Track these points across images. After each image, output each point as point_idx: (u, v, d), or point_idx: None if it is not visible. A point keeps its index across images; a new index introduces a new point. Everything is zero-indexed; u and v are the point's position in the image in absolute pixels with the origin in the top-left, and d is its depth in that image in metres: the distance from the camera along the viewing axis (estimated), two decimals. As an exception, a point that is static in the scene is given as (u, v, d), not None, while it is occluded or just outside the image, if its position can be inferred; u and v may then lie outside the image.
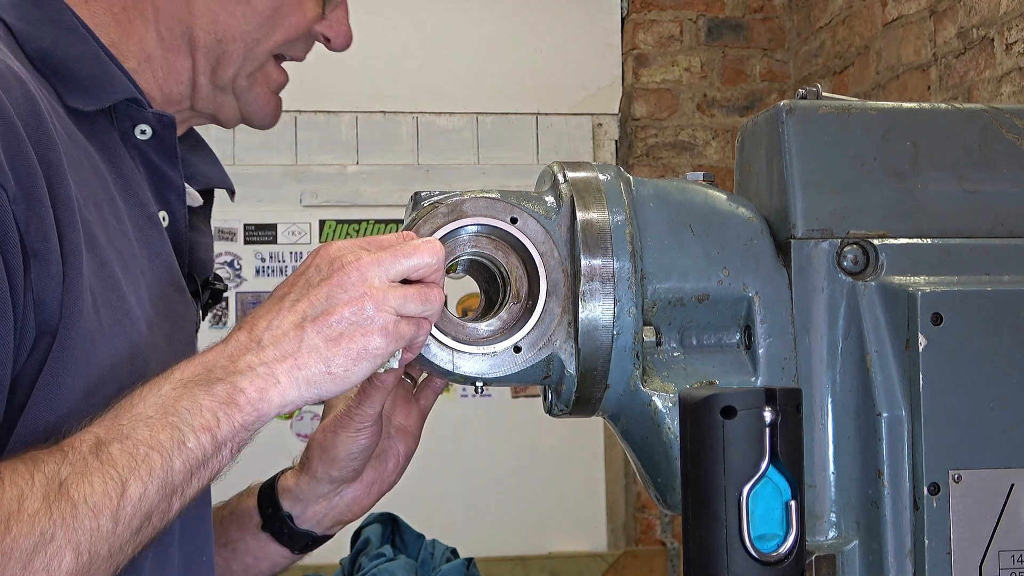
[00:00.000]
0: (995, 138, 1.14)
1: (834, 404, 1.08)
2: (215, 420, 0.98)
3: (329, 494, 1.32)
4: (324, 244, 1.07)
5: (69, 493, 0.92)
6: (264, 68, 1.30)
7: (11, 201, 0.98)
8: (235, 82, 1.28)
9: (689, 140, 4.93)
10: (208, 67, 1.26)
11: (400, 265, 1.04)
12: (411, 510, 3.38)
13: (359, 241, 1.06)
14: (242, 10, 1.24)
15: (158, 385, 1.00)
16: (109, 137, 1.19)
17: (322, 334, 1.01)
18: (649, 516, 4.81)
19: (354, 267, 1.03)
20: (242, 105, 1.31)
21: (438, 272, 1.06)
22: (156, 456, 0.96)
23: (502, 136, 4.96)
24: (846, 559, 1.07)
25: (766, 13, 4.97)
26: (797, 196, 1.10)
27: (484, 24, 4.97)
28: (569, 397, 1.09)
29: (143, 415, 0.98)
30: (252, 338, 1.03)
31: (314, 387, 1.01)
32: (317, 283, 1.04)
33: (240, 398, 0.99)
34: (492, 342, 1.09)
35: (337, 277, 1.03)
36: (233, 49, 1.26)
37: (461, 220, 1.10)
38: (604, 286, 1.07)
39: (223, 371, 1.01)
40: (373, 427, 1.26)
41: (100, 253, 1.08)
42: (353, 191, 4.85)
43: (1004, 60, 3.41)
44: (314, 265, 1.05)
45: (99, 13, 1.22)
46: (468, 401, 4.82)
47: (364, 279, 1.03)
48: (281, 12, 1.26)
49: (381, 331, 1.02)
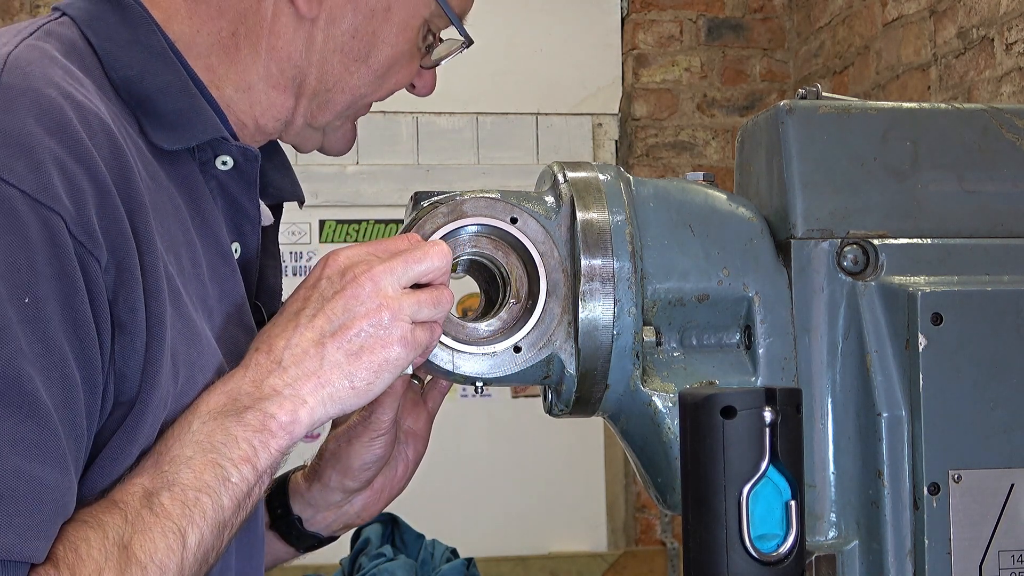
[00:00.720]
0: (995, 138, 1.14)
1: (834, 404, 1.08)
2: (252, 450, 0.99)
3: (340, 502, 1.33)
4: (332, 253, 1.07)
5: (137, 556, 0.93)
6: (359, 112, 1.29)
7: (103, 271, 0.97)
8: (329, 123, 1.27)
9: (689, 140, 4.93)
10: (309, 111, 1.23)
11: (411, 271, 1.04)
12: (411, 510, 3.38)
13: (367, 247, 1.06)
14: (358, 67, 1.22)
15: (188, 422, 1.00)
16: (188, 169, 1.15)
17: (343, 349, 1.02)
18: (649, 516, 4.81)
19: (367, 277, 1.03)
20: (327, 140, 1.30)
21: (446, 274, 1.07)
22: (206, 498, 0.97)
23: (502, 136, 4.96)
24: (846, 559, 1.07)
25: (766, 13, 4.97)
26: (797, 196, 1.10)
27: (484, 24, 4.95)
28: (569, 397, 1.09)
29: (183, 457, 0.98)
30: (272, 359, 1.03)
31: (339, 403, 1.02)
32: (331, 296, 1.04)
33: (272, 424, 1.00)
34: (492, 342, 1.09)
35: (351, 289, 1.03)
36: (339, 100, 1.24)
37: (461, 220, 1.10)
38: (604, 286, 1.07)
39: (249, 398, 1.01)
40: (387, 435, 1.27)
41: (183, 310, 1.07)
42: (353, 191, 4.85)
43: (1004, 60, 3.41)
44: (325, 277, 1.05)
45: (202, 33, 1.17)
46: (468, 401, 4.81)
47: (378, 289, 1.03)
48: (392, 72, 1.25)
49: (400, 341, 1.02)
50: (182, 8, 1.16)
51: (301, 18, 1.18)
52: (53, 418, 0.92)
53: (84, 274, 0.96)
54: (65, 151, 0.97)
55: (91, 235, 0.96)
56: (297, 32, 1.19)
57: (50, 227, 0.94)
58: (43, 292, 0.93)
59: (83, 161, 0.98)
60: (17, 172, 0.94)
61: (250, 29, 1.18)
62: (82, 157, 0.98)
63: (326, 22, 1.19)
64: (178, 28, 1.16)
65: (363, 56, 1.22)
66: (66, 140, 0.98)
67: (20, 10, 4.51)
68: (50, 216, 0.94)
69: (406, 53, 1.25)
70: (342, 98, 1.24)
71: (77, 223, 0.95)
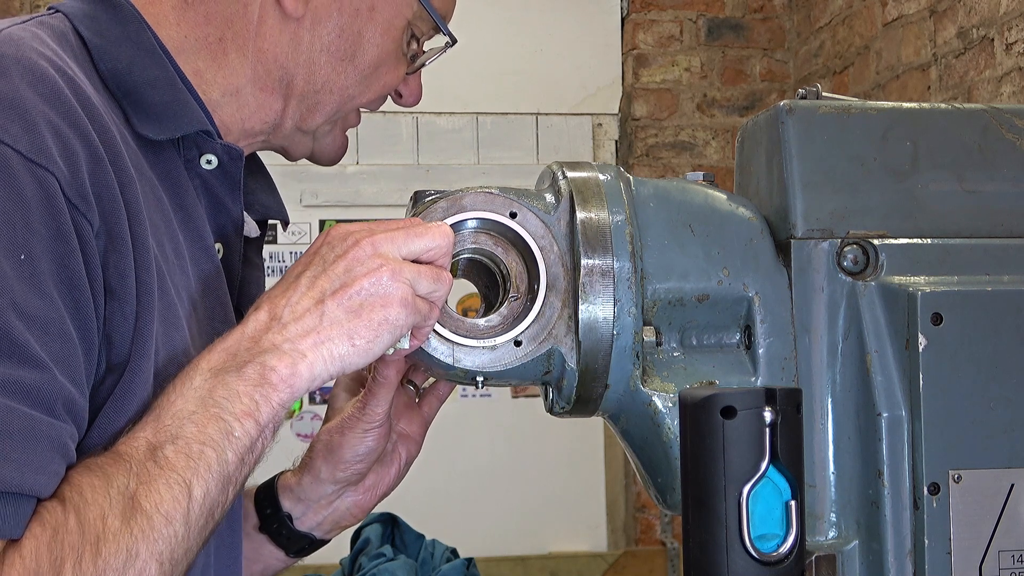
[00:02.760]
0: (995, 138, 1.14)
1: (834, 404, 1.08)
2: (254, 404, 0.99)
3: (331, 496, 1.32)
4: (336, 226, 1.08)
5: (142, 505, 0.94)
6: (347, 118, 1.31)
7: (95, 235, 0.99)
8: (318, 127, 1.28)
9: (689, 140, 4.93)
10: (298, 114, 1.25)
11: (412, 244, 1.05)
12: (411, 510, 3.38)
13: (369, 223, 1.07)
14: (345, 67, 1.24)
15: (189, 378, 1.01)
16: (173, 165, 1.17)
17: (343, 306, 1.02)
18: (649, 516, 4.81)
19: (368, 241, 1.04)
20: (317, 146, 1.31)
21: (447, 256, 1.07)
22: (210, 451, 0.97)
23: (502, 136, 4.96)
24: (846, 559, 1.07)
25: (766, 13, 4.97)
26: (797, 196, 1.10)
27: (484, 24, 4.97)
28: (570, 394, 1.09)
29: (185, 411, 0.98)
30: (272, 317, 1.03)
31: (339, 360, 1.02)
32: (332, 260, 1.04)
33: (272, 376, 1.00)
34: (492, 336, 1.09)
35: (353, 252, 1.04)
36: (328, 101, 1.25)
37: (461, 214, 1.10)
38: (604, 285, 1.07)
39: (248, 353, 1.01)
40: (380, 428, 1.27)
41: (167, 295, 1.08)
42: (353, 191, 4.85)
43: (1004, 60, 3.41)
44: (327, 243, 1.06)
45: (189, 38, 1.19)
46: (468, 401, 4.82)
47: (378, 252, 1.04)
48: (378, 72, 1.27)
49: (401, 302, 1.02)
50: (171, 15, 1.18)
51: (287, 18, 1.20)
52: (49, 367, 0.93)
53: (78, 235, 0.97)
54: (59, 116, 0.99)
55: (84, 198, 0.98)
56: (283, 33, 1.21)
57: (45, 186, 0.95)
58: (38, 250, 0.94)
59: (76, 127, 0.99)
60: (12, 132, 0.95)
61: (237, 33, 1.20)
62: (75, 123, 1.00)
63: (312, 22, 1.21)
64: (167, 33, 1.18)
65: (349, 55, 1.24)
66: (59, 106, 0.99)
67: (20, 10, 4.51)
68: (45, 176, 0.95)
69: (392, 54, 1.27)
70: (330, 99, 1.25)
71: (71, 185, 0.97)
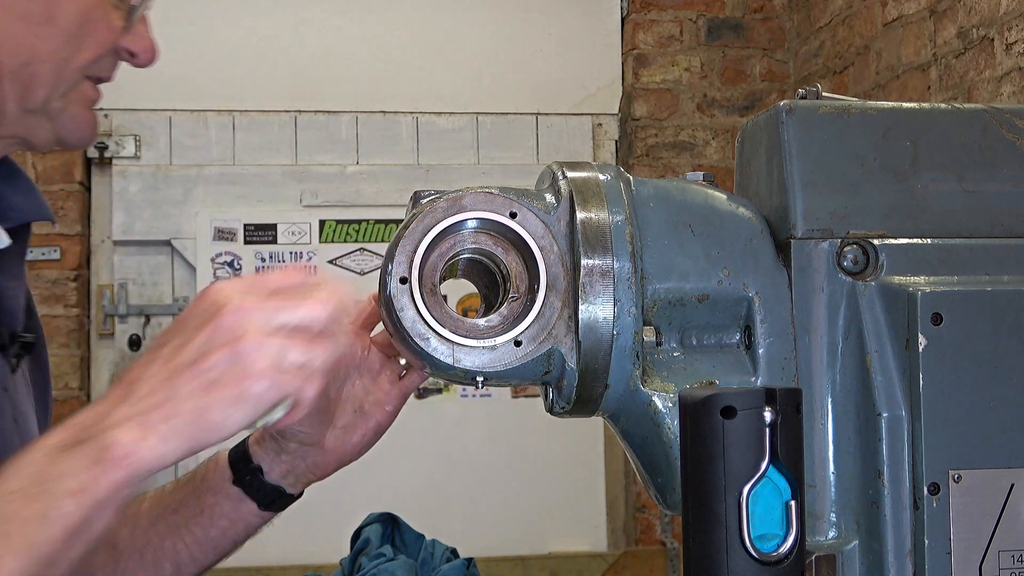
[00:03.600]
0: (995, 138, 1.14)
1: (834, 404, 1.08)
2: (90, 480, 0.94)
3: (293, 452, 1.32)
4: (210, 287, 1.02)
5: None
6: (78, 87, 1.25)
7: None
8: (48, 104, 1.22)
9: (689, 140, 4.93)
10: (16, 92, 1.19)
11: (283, 316, 0.98)
12: (411, 510, 3.38)
13: (248, 283, 1.01)
14: (46, 30, 1.18)
15: (31, 453, 0.97)
16: None
17: (196, 381, 0.96)
18: (649, 516, 4.81)
19: (231, 311, 0.98)
20: (57, 127, 1.25)
21: (331, 323, 1.00)
22: (31, 528, 0.93)
23: (502, 136, 4.96)
24: (846, 559, 1.07)
25: (766, 13, 4.97)
26: (797, 196, 1.10)
27: (484, 24, 4.97)
28: (570, 393, 1.09)
29: (13, 488, 0.95)
30: (126, 391, 0.98)
31: (188, 438, 0.96)
32: (193, 330, 0.99)
33: (115, 452, 0.95)
34: (492, 336, 1.09)
35: (214, 321, 0.98)
36: (42, 71, 1.20)
37: (461, 214, 1.09)
38: (604, 286, 1.06)
39: (96, 429, 0.96)
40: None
41: None
42: (353, 191, 4.85)
43: (1004, 60, 3.41)
44: (194, 312, 1.01)
45: None
46: (468, 401, 4.82)
47: (241, 323, 0.97)
48: (86, 28, 1.21)
49: (259, 376, 0.96)
50: None
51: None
52: None
53: None
54: None
55: None
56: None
57: None
58: None
59: None
60: None
61: None
62: None
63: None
64: None
65: (47, 17, 1.19)
66: None
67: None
68: None
69: (95, 6, 1.21)
70: (44, 68, 1.20)
71: None
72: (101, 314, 4.72)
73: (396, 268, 1.09)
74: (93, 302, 4.74)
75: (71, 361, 4.59)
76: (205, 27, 4.76)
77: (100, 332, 4.74)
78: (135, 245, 4.76)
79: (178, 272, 4.80)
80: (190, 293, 4.77)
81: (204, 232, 4.73)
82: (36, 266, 4.51)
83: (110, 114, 4.67)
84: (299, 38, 4.84)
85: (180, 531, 1.36)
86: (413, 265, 1.09)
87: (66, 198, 4.60)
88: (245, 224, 4.76)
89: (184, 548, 1.36)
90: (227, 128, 4.79)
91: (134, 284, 4.77)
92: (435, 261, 1.10)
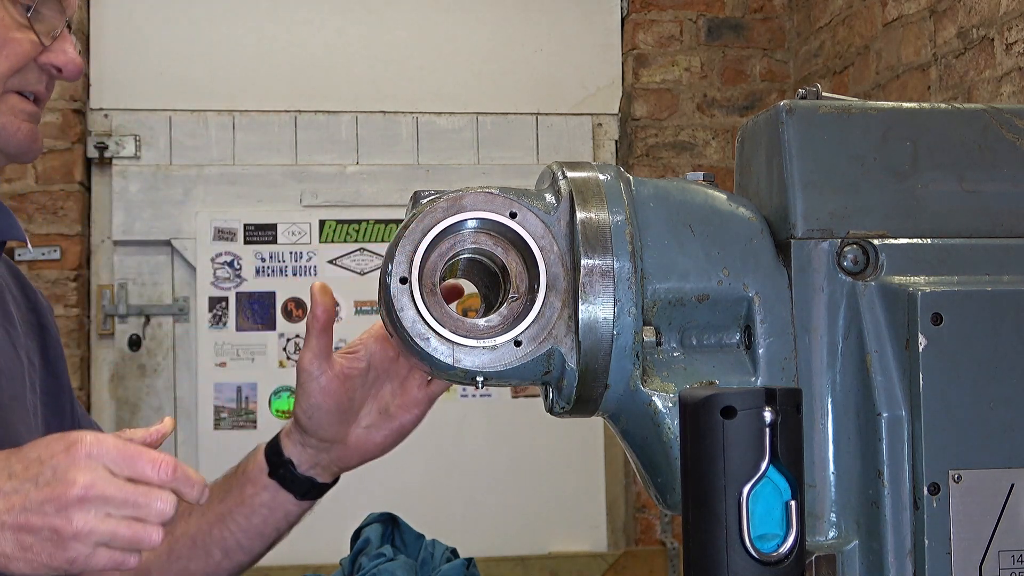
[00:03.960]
0: (995, 138, 1.14)
1: (834, 404, 1.08)
2: None
3: (316, 447, 1.39)
4: (81, 444, 1.07)
5: None
6: (5, 100, 1.30)
7: None
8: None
9: (689, 140, 4.93)
10: None
11: (124, 510, 1.05)
12: (411, 510, 3.38)
13: (118, 453, 1.07)
14: None
15: None
16: None
17: (15, 539, 1.04)
18: (649, 516, 4.81)
19: (76, 487, 1.04)
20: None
21: (160, 516, 1.08)
22: None
23: (502, 136, 4.96)
24: (846, 559, 1.07)
25: (766, 13, 4.97)
26: (797, 196, 1.10)
27: (484, 24, 4.97)
28: (570, 393, 1.09)
29: None
30: None
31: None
32: (38, 486, 1.05)
33: None
34: (492, 336, 1.09)
35: (58, 490, 1.04)
36: None
37: (461, 214, 1.09)
38: (604, 286, 1.06)
39: None
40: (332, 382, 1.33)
41: None
42: (353, 191, 4.85)
43: (1004, 60, 3.41)
44: (52, 464, 1.06)
45: None
46: (468, 401, 4.81)
47: (85, 501, 1.04)
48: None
49: (75, 537, 1.03)
50: None
51: None
52: None
53: None
54: None
55: None
56: None
57: None
58: None
59: None
60: None
61: None
62: None
63: None
64: None
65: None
66: None
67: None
68: None
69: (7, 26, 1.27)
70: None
71: None
72: (101, 314, 4.72)
73: (396, 268, 1.09)
74: (93, 302, 4.74)
75: (71, 361, 4.59)
76: (205, 27, 4.76)
77: (100, 332, 4.74)
78: (135, 245, 4.76)
79: (178, 272, 4.80)
80: (190, 293, 4.77)
81: (204, 232, 4.73)
82: (36, 266, 4.51)
83: (110, 114, 4.67)
84: (299, 38, 4.84)
85: (226, 520, 1.44)
86: (413, 265, 1.09)
87: (66, 198, 4.60)
88: (245, 224, 4.76)
89: (231, 535, 1.44)
90: (227, 128, 4.79)
91: (134, 284, 4.77)
92: (435, 261, 1.10)
